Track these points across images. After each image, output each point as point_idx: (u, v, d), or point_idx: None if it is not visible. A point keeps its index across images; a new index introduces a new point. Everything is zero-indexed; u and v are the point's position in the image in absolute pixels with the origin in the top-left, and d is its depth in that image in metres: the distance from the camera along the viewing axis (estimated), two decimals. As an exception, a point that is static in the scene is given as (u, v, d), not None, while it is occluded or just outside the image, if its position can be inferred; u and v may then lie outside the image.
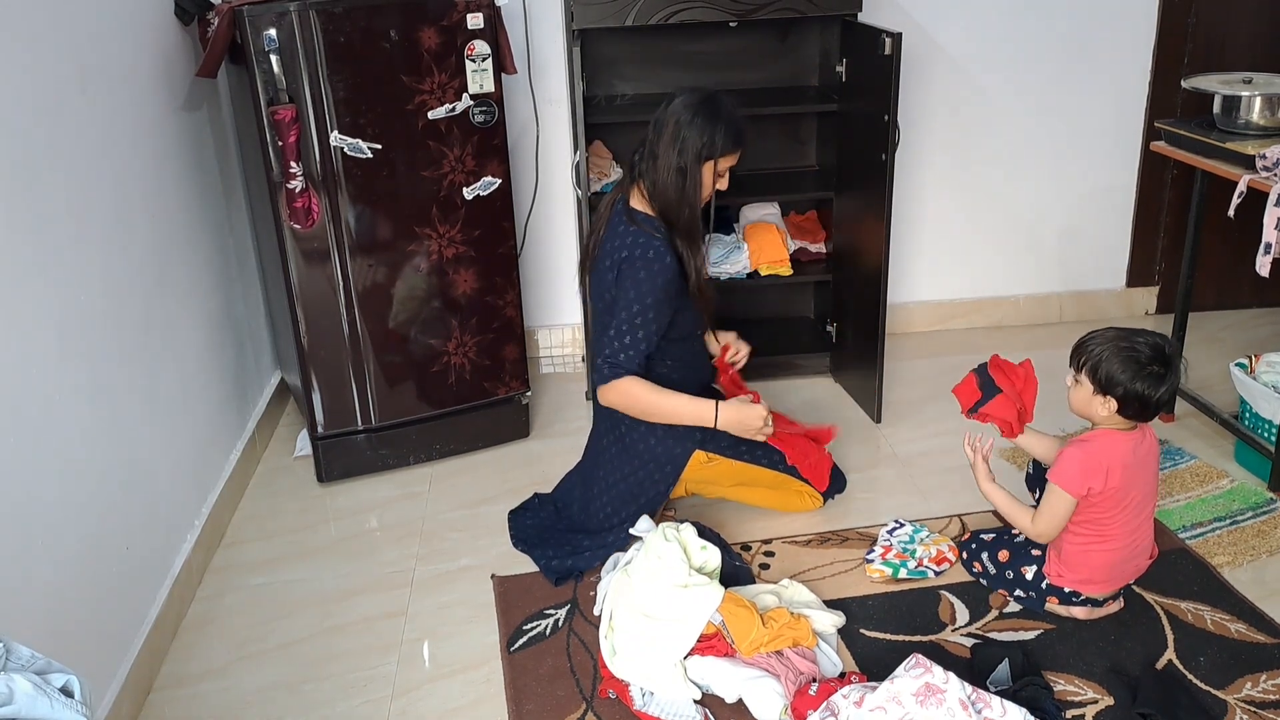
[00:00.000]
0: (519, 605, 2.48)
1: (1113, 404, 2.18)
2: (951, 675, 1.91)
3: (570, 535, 2.68)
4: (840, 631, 2.34)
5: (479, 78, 2.81)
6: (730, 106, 2.47)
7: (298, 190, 2.71)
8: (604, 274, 2.53)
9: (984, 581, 2.46)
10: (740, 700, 2.11)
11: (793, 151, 3.65)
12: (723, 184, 2.52)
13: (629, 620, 2.20)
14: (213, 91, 3.06)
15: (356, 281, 2.87)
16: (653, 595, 2.20)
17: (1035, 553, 2.38)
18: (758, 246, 3.48)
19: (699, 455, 2.61)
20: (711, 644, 2.17)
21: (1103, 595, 2.32)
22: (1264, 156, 2.57)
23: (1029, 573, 2.38)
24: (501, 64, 2.85)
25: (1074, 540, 2.29)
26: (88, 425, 2.14)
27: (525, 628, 2.40)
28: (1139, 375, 2.13)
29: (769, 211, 3.60)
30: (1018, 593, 2.40)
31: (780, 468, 2.70)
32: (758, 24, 3.38)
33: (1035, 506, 2.35)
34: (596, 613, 2.38)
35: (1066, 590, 2.32)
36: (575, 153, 3.25)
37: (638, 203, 2.53)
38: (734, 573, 2.44)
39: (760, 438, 2.57)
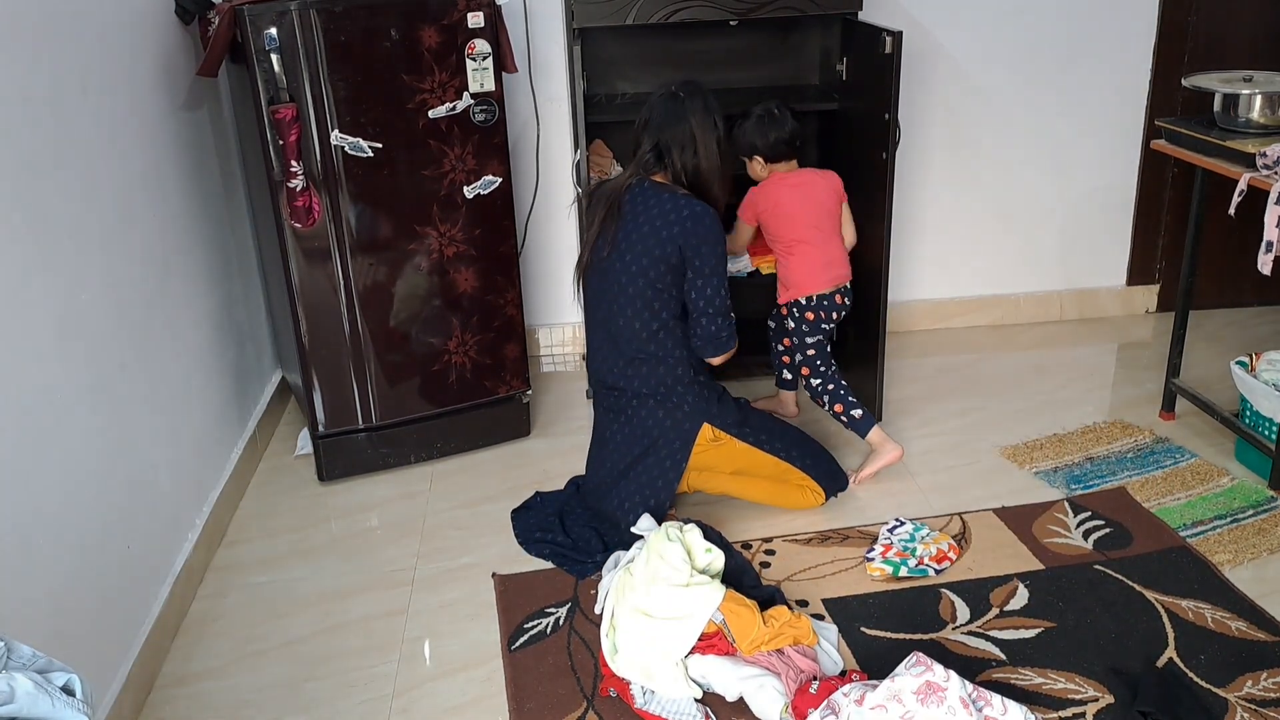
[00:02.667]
0: (520, 603, 2.48)
1: (760, 159, 2.98)
2: (952, 673, 1.91)
3: (577, 529, 2.68)
4: (841, 630, 2.34)
5: (479, 76, 2.81)
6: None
7: (298, 189, 2.71)
8: (649, 237, 2.57)
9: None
10: (741, 699, 2.11)
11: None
12: None
13: (630, 619, 2.20)
14: (213, 91, 3.06)
15: (357, 280, 2.87)
16: (654, 594, 2.20)
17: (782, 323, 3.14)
18: (757, 245, 3.47)
19: (706, 432, 2.63)
20: (712, 643, 2.17)
21: (825, 290, 2.99)
22: (1264, 155, 2.57)
23: (787, 323, 3.07)
24: (502, 63, 2.85)
25: (782, 259, 3.04)
26: (89, 424, 2.14)
27: (526, 626, 2.40)
28: (755, 132, 2.94)
29: (769, 210, 3.60)
30: (795, 340, 3.05)
31: (781, 454, 2.70)
32: (758, 23, 3.38)
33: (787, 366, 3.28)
34: (598, 611, 2.38)
35: (801, 303, 3.00)
36: (576, 151, 3.25)
37: (661, 179, 2.64)
38: (737, 570, 2.44)
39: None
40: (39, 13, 2.05)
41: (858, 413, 2.95)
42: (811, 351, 3.01)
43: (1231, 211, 2.63)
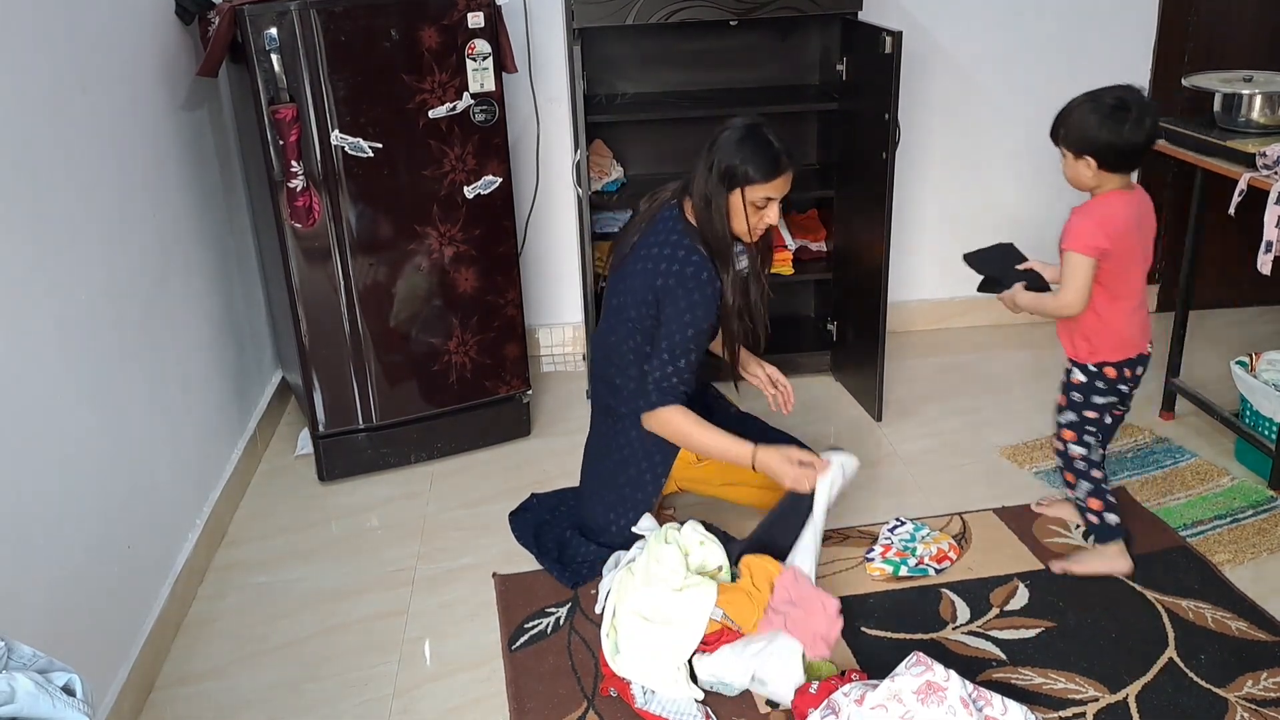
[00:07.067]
0: (520, 604, 2.48)
1: (1092, 161, 2.28)
2: (953, 673, 1.91)
3: (570, 537, 2.68)
4: (841, 630, 2.33)
5: (479, 76, 2.81)
6: (769, 135, 2.37)
7: (299, 189, 2.71)
8: (639, 274, 2.45)
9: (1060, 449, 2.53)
10: (744, 695, 2.12)
11: (793, 150, 3.64)
12: (771, 217, 2.41)
13: (631, 621, 2.20)
14: (213, 91, 3.06)
15: (357, 280, 2.87)
16: (651, 598, 2.20)
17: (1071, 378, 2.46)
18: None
19: (687, 453, 2.60)
20: (720, 636, 2.17)
21: (1130, 356, 2.38)
22: (1264, 154, 2.57)
23: (1073, 376, 2.44)
24: (502, 63, 2.85)
25: (1107, 306, 2.35)
26: (89, 425, 2.14)
27: (526, 626, 2.40)
28: (1104, 124, 2.22)
29: (769, 210, 3.60)
30: (1075, 396, 2.45)
31: None
32: (758, 23, 3.38)
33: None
34: (598, 611, 2.38)
35: (1095, 367, 2.39)
36: (576, 151, 3.25)
37: (689, 215, 2.48)
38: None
39: (800, 487, 2.37)
40: (39, 13, 2.05)
41: (1114, 518, 2.48)
42: (1093, 414, 2.46)
43: (1231, 211, 2.63)
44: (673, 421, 2.45)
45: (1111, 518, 2.47)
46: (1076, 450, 2.48)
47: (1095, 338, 2.39)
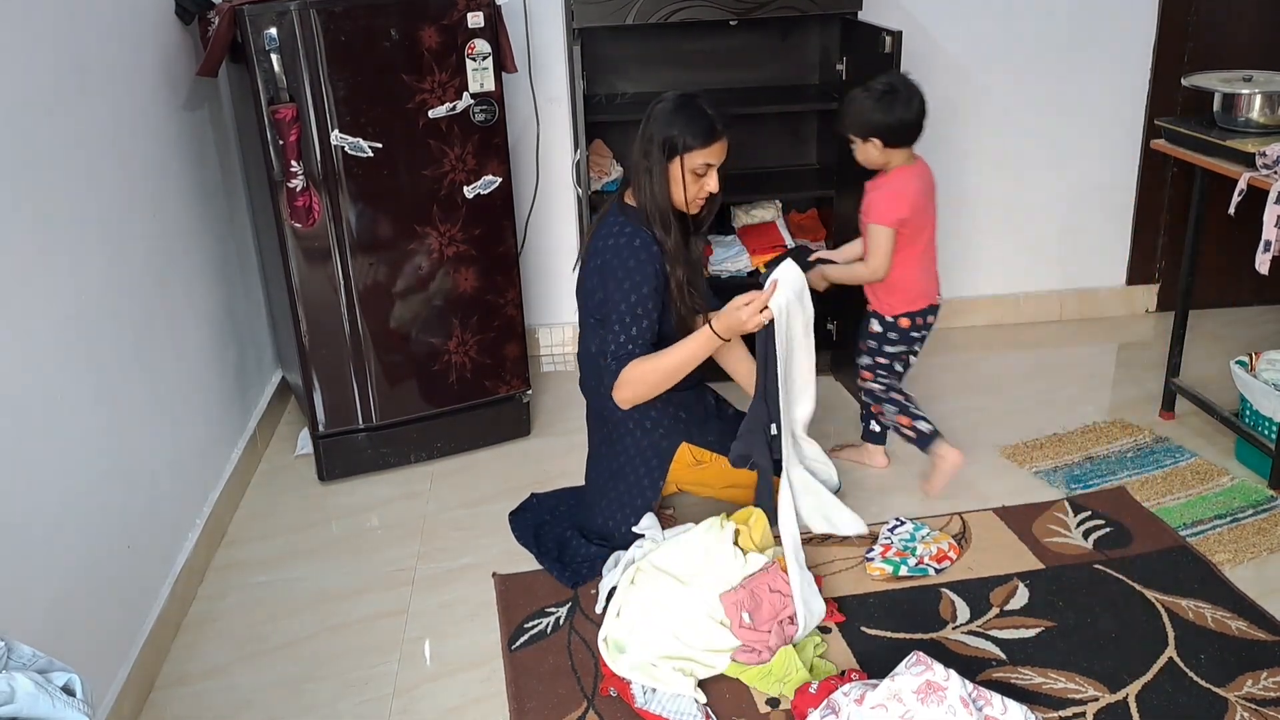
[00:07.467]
0: (520, 603, 2.48)
1: (877, 142, 2.61)
2: (953, 673, 1.91)
3: (570, 537, 2.68)
4: (841, 629, 2.34)
5: (479, 76, 2.81)
6: (703, 104, 2.38)
7: (298, 189, 2.71)
8: (587, 265, 2.51)
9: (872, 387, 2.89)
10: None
11: (793, 150, 3.65)
12: (710, 184, 2.40)
13: (653, 600, 2.23)
14: (213, 91, 3.06)
15: (357, 280, 2.87)
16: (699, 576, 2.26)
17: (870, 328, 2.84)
18: (758, 245, 3.48)
19: (686, 455, 2.60)
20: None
21: (922, 307, 2.77)
22: (1264, 154, 2.57)
23: (871, 326, 2.82)
24: (502, 63, 2.85)
25: (902, 266, 2.71)
26: (89, 424, 2.14)
27: (526, 626, 2.40)
28: (877, 108, 2.57)
29: (770, 210, 3.60)
30: (870, 343, 2.84)
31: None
32: (758, 22, 3.38)
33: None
34: (599, 610, 2.38)
35: (891, 319, 2.77)
36: (576, 151, 3.26)
37: (630, 200, 2.51)
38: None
39: (760, 321, 2.33)
40: (38, 13, 2.05)
41: (926, 425, 2.78)
42: (884, 360, 2.84)
43: (1231, 211, 2.63)
44: (637, 375, 2.40)
45: (924, 425, 2.77)
46: (875, 386, 2.86)
47: (895, 293, 2.75)
